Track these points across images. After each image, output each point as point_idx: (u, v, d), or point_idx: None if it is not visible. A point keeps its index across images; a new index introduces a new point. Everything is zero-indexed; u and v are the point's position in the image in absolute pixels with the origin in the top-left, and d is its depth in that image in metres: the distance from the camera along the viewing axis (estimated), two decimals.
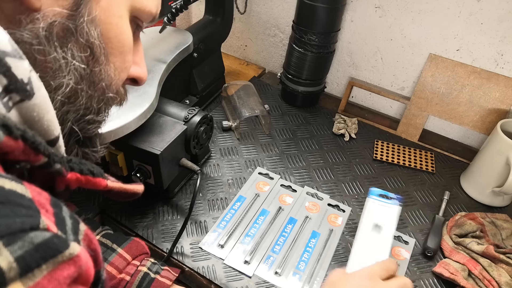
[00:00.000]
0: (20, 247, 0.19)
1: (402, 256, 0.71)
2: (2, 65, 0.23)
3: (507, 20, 0.83)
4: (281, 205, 0.77)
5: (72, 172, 0.28)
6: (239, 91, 0.97)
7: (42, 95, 0.26)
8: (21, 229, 0.20)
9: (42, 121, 0.26)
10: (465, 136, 1.01)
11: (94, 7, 0.30)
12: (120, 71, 0.34)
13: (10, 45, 0.24)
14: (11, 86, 0.23)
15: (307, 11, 0.89)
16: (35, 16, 0.27)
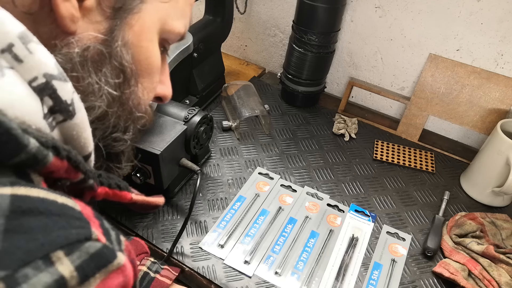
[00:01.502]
0: (78, 257, 0.20)
1: (399, 253, 0.71)
2: (49, 88, 0.24)
3: (507, 20, 0.83)
4: (281, 205, 0.77)
5: (101, 186, 0.30)
6: (239, 91, 0.97)
7: (82, 115, 0.27)
8: (78, 239, 0.21)
9: (80, 139, 0.27)
10: (465, 136, 1.01)
11: (127, 32, 0.30)
12: (148, 91, 0.35)
13: (57, 69, 0.25)
14: (56, 107, 0.25)
15: (307, 11, 0.89)
16: (70, 40, 0.28)
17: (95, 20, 0.29)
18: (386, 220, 0.77)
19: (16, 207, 0.20)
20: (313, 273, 0.66)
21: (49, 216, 0.21)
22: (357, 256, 0.70)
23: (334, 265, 0.68)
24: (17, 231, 0.19)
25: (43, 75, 0.24)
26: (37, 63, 0.24)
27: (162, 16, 0.33)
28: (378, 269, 0.68)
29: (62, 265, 0.20)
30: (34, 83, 0.24)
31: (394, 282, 0.67)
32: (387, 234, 0.74)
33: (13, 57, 0.23)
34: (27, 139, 0.21)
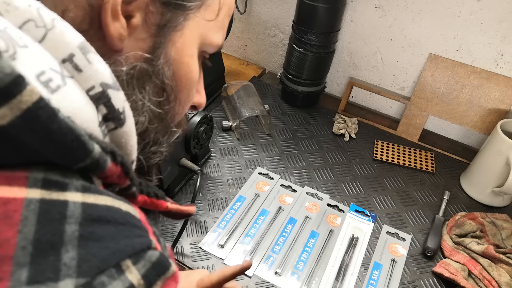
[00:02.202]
0: (143, 266, 0.22)
1: (399, 253, 0.71)
2: (104, 97, 0.25)
3: (507, 20, 0.83)
4: (281, 205, 0.77)
5: (141, 194, 0.30)
6: (239, 91, 0.97)
7: (131, 123, 0.28)
8: (141, 249, 0.22)
9: (127, 146, 0.28)
10: (465, 136, 1.01)
11: (170, 48, 0.31)
12: (184, 105, 0.35)
13: (111, 78, 0.26)
14: (110, 115, 0.26)
15: (307, 11, 0.89)
16: (117, 58, 0.28)
17: (140, 37, 0.29)
18: (386, 220, 0.77)
19: (87, 215, 0.21)
20: (313, 273, 0.66)
21: (115, 225, 0.22)
22: (357, 256, 0.70)
23: (334, 265, 0.68)
24: (90, 239, 0.20)
25: (100, 84, 0.25)
26: (95, 73, 0.25)
27: (202, 32, 0.33)
28: (378, 269, 0.68)
29: (131, 273, 0.21)
30: (91, 92, 0.24)
31: (394, 282, 0.67)
32: (387, 234, 0.74)
33: (73, 67, 0.24)
34: (92, 145, 0.22)
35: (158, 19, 0.29)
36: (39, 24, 0.23)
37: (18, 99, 0.20)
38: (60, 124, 0.21)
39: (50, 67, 0.22)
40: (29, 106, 0.20)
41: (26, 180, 0.21)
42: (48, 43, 0.23)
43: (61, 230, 0.20)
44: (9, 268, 0.18)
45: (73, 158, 0.22)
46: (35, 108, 0.20)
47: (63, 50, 0.24)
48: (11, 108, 0.20)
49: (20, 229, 0.19)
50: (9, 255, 0.18)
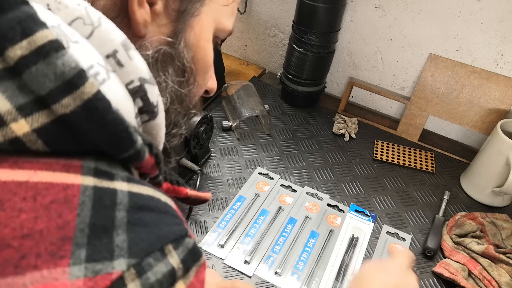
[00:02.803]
0: (182, 251, 0.24)
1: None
2: (141, 90, 0.27)
3: (507, 20, 0.83)
4: (281, 205, 0.77)
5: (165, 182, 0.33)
6: (239, 91, 0.97)
7: (162, 116, 0.30)
8: (181, 235, 0.24)
9: (157, 137, 0.30)
10: (465, 136, 1.01)
11: (188, 33, 0.32)
12: (200, 88, 0.37)
13: (148, 73, 0.28)
14: (145, 108, 0.28)
15: (307, 11, 0.89)
16: (143, 43, 0.30)
17: (162, 23, 0.31)
18: (386, 220, 0.77)
19: (133, 203, 0.23)
20: (313, 273, 0.66)
21: (158, 213, 0.24)
22: (357, 256, 0.70)
23: (334, 265, 0.68)
24: (137, 224, 0.22)
25: (138, 79, 0.27)
26: (134, 68, 0.27)
27: (217, 17, 0.35)
28: None
29: (172, 257, 0.23)
30: (130, 85, 0.26)
31: None
32: (387, 234, 0.74)
33: (116, 62, 0.26)
34: (136, 136, 0.24)
35: (178, 5, 0.31)
36: (87, 22, 0.25)
37: (81, 90, 0.22)
38: (114, 115, 0.23)
39: (97, 61, 0.24)
40: (89, 97, 0.22)
41: (81, 168, 0.23)
42: (95, 39, 0.25)
43: (113, 216, 0.22)
44: (69, 247, 0.20)
45: (121, 148, 0.24)
46: (95, 99, 0.22)
47: (108, 46, 0.26)
48: (74, 98, 0.22)
49: (78, 213, 0.21)
50: (70, 236, 0.20)
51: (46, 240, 0.20)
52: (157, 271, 0.22)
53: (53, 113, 0.22)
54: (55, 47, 0.22)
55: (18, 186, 0.21)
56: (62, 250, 0.20)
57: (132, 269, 0.21)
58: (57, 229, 0.20)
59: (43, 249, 0.20)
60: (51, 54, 0.22)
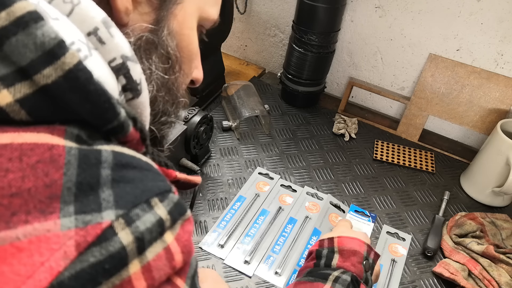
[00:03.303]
0: (167, 204, 0.24)
1: (399, 253, 0.71)
2: (124, 68, 0.27)
3: (507, 20, 0.83)
4: (281, 205, 0.77)
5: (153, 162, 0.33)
6: (239, 91, 0.97)
7: (146, 94, 0.30)
8: (165, 190, 0.25)
9: (141, 116, 0.30)
10: (465, 136, 1.01)
11: (172, 21, 0.33)
12: (187, 76, 0.38)
13: (130, 51, 0.28)
14: (128, 85, 0.28)
15: (307, 11, 0.89)
16: (125, 31, 0.30)
17: (144, 11, 0.31)
18: (386, 220, 0.77)
19: (117, 161, 0.24)
20: None
21: (141, 170, 0.25)
22: None
23: None
24: (122, 181, 0.23)
25: (121, 56, 0.27)
26: (116, 46, 0.27)
27: (200, 5, 0.35)
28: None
29: (159, 209, 0.24)
30: (113, 63, 0.27)
31: (394, 282, 0.67)
32: (387, 234, 0.74)
33: (97, 40, 0.26)
34: (119, 108, 0.24)
35: None
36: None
37: (62, 60, 0.22)
38: (96, 86, 0.23)
39: (78, 38, 0.24)
40: (70, 68, 0.22)
41: (64, 132, 0.23)
42: (75, 17, 0.25)
43: (98, 174, 0.22)
44: (58, 205, 0.21)
45: (104, 119, 0.24)
46: (76, 70, 0.22)
47: (88, 24, 0.26)
48: (56, 69, 0.22)
49: (65, 172, 0.22)
50: (57, 194, 0.21)
51: (34, 198, 0.21)
52: (146, 220, 0.23)
53: (35, 83, 0.22)
54: (34, 18, 0.22)
55: (3, 148, 0.21)
56: (50, 207, 0.21)
57: (121, 219, 0.22)
58: (45, 187, 0.21)
59: (32, 206, 0.20)
60: (30, 25, 0.22)
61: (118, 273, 0.21)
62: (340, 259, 0.52)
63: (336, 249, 0.54)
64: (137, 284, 0.22)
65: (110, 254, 0.21)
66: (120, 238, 0.21)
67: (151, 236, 0.23)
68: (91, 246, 0.20)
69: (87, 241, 0.20)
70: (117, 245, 0.21)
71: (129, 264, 0.21)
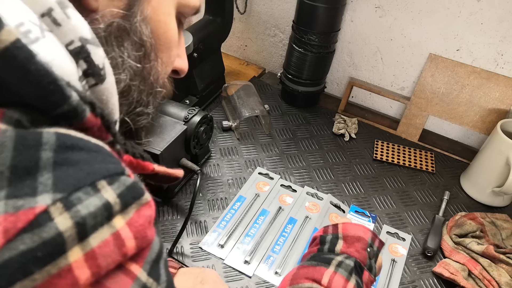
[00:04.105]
0: (118, 187, 0.23)
1: (399, 253, 0.71)
2: (84, 51, 0.26)
3: (507, 20, 0.83)
4: (281, 205, 0.77)
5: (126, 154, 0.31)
6: (239, 91, 0.97)
7: (111, 80, 0.29)
8: (116, 172, 0.23)
9: (108, 104, 0.29)
10: (465, 136, 1.01)
11: (146, 7, 0.31)
12: (166, 65, 0.36)
13: (90, 33, 0.26)
14: (89, 70, 0.26)
15: (307, 11, 0.89)
16: (94, 16, 0.29)
17: None
18: (386, 220, 0.77)
19: (61, 142, 0.22)
20: None
21: (89, 152, 0.23)
22: None
23: None
24: (65, 164, 0.21)
25: (79, 39, 0.25)
26: (73, 27, 0.25)
27: None
28: None
29: (106, 192, 0.22)
30: (70, 46, 0.25)
31: (394, 282, 0.67)
32: (387, 234, 0.74)
33: (52, 21, 0.24)
34: (69, 91, 0.23)
35: None
36: None
37: None
38: (37, 66, 0.22)
39: (29, 19, 0.23)
40: (6, 45, 0.21)
41: (2, 115, 0.21)
42: None
43: (37, 156, 0.21)
44: None
45: (52, 102, 0.22)
46: (13, 48, 0.21)
47: (42, 4, 0.24)
48: None
49: None
50: None
51: None
52: (89, 204, 0.21)
53: None
54: None
55: None
56: None
57: (59, 203, 0.20)
58: None
59: None
60: None
61: (54, 261, 0.19)
62: (344, 244, 0.52)
63: (341, 235, 0.53)
64: (79, 273, 0.20)
65: (44, 241, 0.19)
66: (57, 223, 0.20)
67: (96, 221, 0.21)
68: (22, 233, 0.19)
69: (16, 228, 0.19)
70: (52, 231, 0.19)
71: (68, 251, 0.20)
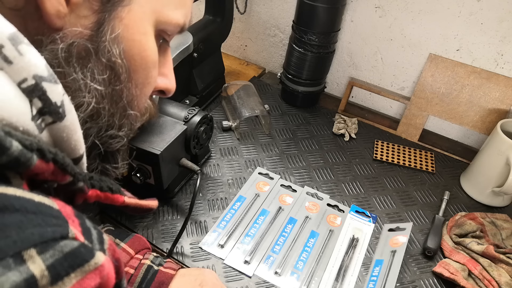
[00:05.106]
0: (51, 256, 0.20)
1: (399, 242, 0.70)
2: (38, 90, 0.24)
3: (507, 20, 0.83)
4: (281, 205, 0.77)
5: (93, 189, 0.29)
6: (239, 91, 0.97)
7: (72, 117, 0.27)
8: (53, 238, 0.21)
9: (70, 141, 0.27)
10: (465, 136, 1.01)
11: (117, 25, 0.29)
12: (142, 87, 0.34)
13: (47, 70, 0.25)
14: (45, 108, 0.25)
15: (307, 11, 0.89)
16: (55, 36, 0.27)
17: (83, 14, 0.28)
18: (386, 220, 0.77)
19: None
20: (313, 273, 0.66)
21: (24, 214, 0.20)
22: (357, 256, 0.70)
23: (334, 266, 0.68)
24: None
25: (33, 77, 0.24)
26: (27, 65, 0.24)
27: (156, 7, 0.31)
28: (379, 265, 0.68)
29: (33, 263, 0.19)
30: (23, 84, 0.24)
31: (394, 270, 0.66)
32: (388, 232, 0.74)
33: (2, 58, 0.23)
34: (9, 142, 0.21)
35: None
36: None
37: None
38: None
39: None
40: None
41: None
42: None
43: None
44: None
45: None
46: None
47: None
48: None
49: None
50: None
51: None
52: (4, 281, 0.18)
53: None
54: None
55: None
56: None
57: None
58: None
59: None
60: None
61: None
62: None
63: None
64: None
65: None
66: None
67: None
68: None
69: None
70: None
71: None
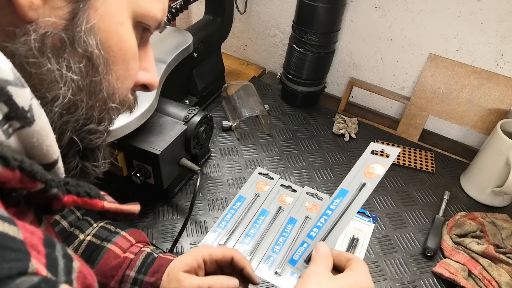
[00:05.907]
0: None
1: (374, 174, 0.50)
2: (3, 94, 0.23)
3: (507, 20, 0.83)
4: (281, 205, 0.77)
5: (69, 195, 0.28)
6: (239, 91, 0.97)
7: (43, 122, 0.26)
8: (8, 275, 0.19)
9: (41, 146, 0.26)
10: (465, 136, 1.01)
11: (92, 15, 0.29)
12: (124, 79, 0.33)
13: (13, 74, 0.24)
14: (12, 113, 0.24)
15: (307, 11, 0.89)
16: (28, 28, 0.27)
17: (57, 5, 0.27)
18: (386, 220, 0.77)
19: None
20: None
21: None
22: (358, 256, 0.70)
23: None
24: None
25: None
26: None
27: None
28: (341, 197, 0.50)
29: None
30: None
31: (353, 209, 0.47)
32: (370, 155, 0.54)
33: None
34: None
35: None
36: None
37: None
38: None
39: None
40: None
41: None
42: None
43: None
44: None
45: None
46: None
47: None
48: None
49: None
50: None
51: None
52: None
53: None
54: None
55: None
56: None
57: None
58: None
59: None
60: None
61: None
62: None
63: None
64: None
65: None
66: None
67: None
68: None
69: None
70: None
71: None
